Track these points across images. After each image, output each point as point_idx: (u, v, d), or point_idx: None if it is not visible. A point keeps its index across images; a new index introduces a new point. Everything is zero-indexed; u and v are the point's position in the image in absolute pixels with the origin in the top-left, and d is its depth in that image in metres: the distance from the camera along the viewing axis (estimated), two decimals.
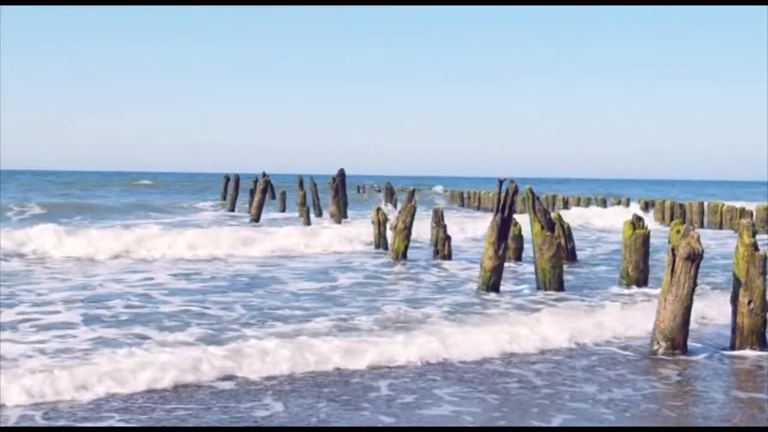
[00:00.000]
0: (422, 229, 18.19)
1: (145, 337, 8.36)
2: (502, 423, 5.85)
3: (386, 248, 17.00)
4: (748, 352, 8.03)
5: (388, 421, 5.83)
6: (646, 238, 12.71)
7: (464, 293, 11.98)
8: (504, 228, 12.12)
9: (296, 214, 29.30)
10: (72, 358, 7.23)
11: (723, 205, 28.98)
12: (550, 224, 12.55)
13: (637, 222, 12.92)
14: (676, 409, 6.25)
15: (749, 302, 8.13)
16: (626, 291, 12.33)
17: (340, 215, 26.94)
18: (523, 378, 7.08)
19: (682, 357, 7.84)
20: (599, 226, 27.39)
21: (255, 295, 11.51)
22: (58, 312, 9.75)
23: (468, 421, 5.84)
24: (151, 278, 13.09)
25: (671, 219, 27.51)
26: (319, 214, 30.02)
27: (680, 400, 6.54)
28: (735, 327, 8.31)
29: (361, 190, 58.32)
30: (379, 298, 11.31)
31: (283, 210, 33.72)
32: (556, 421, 5.88)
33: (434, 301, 11.13)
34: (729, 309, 8.33)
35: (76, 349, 7.70)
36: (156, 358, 7.00)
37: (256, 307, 10.43)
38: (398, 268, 14.96)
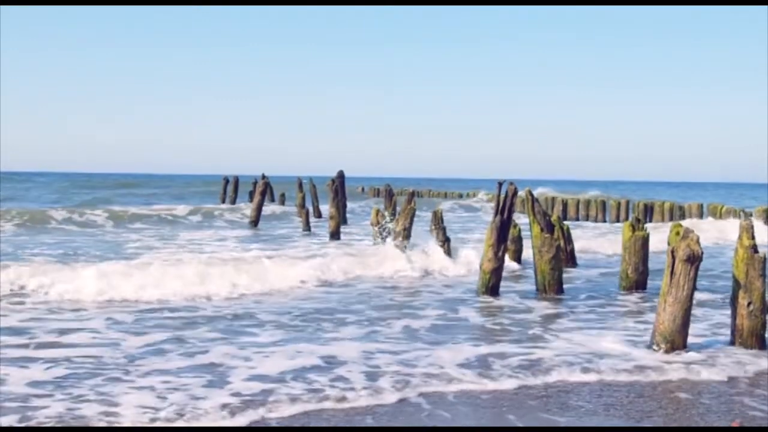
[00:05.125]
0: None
1: None
2: None
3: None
4: (747, 354, 8.02)
5: None
6: (646, 240, 12.69)
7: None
8: (503, 230, 12.11)
9: (294, 209, 29.77)
10: None
11: (722, 206, 28.97)
12: (549, 226, 12.55)
13: (636, 224, 12.91)
14: (675, 411, 6.25)
15: (749, 304, 8.13)
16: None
17: (339, 218, 26.91)
18: None
19: (681, 359, 7.83)
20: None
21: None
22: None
23: None
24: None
25: None
26: (318, 215, 30.21)
27: (680, 402, 6.53)
28: (734, 329, 8.31)
29: (360, 190, 58.67)
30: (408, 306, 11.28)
31: (283, 203, 34.83)
32: None
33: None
34: None
35: None
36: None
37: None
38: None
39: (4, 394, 6.41)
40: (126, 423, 5.73)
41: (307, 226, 24.76)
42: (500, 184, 12.15)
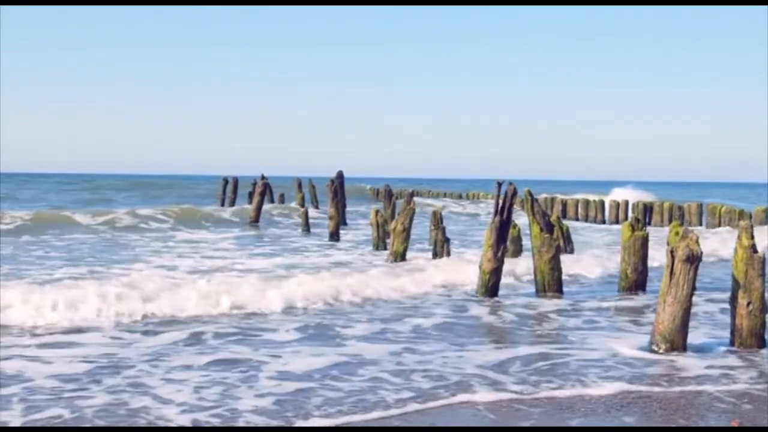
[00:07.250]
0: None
1: None
2: None
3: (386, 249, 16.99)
4: (746, 354, 8.03)
5: None
6: (645, 240, 12.68)
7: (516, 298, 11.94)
8: (503, 230, 12.11)
9: (294, 207, 30.90)
10: None
11: (722, 206, 28.94)
12: (548, 226, 12.55)
13: (635, 224, 12.89)
14: (674, 411, 6.25)
15: (748, 304, 8.13)
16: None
17: (339, 218, 26.94)
18: None
19: (681, 359, 7.83)
20: None
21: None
22: None
23: None
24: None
25: None
26: (317, 207, 30.79)
27: (679, 402, 6.53)
28: (734, 328, 8.31)
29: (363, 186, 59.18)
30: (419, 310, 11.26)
31: (282, 203, 35.05)
32: None
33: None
34: None
35: None
36: None
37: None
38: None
39: (34, 388, 6.45)
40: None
41: (306, 227, 24.76)
42: (499, 184, 12.14)
